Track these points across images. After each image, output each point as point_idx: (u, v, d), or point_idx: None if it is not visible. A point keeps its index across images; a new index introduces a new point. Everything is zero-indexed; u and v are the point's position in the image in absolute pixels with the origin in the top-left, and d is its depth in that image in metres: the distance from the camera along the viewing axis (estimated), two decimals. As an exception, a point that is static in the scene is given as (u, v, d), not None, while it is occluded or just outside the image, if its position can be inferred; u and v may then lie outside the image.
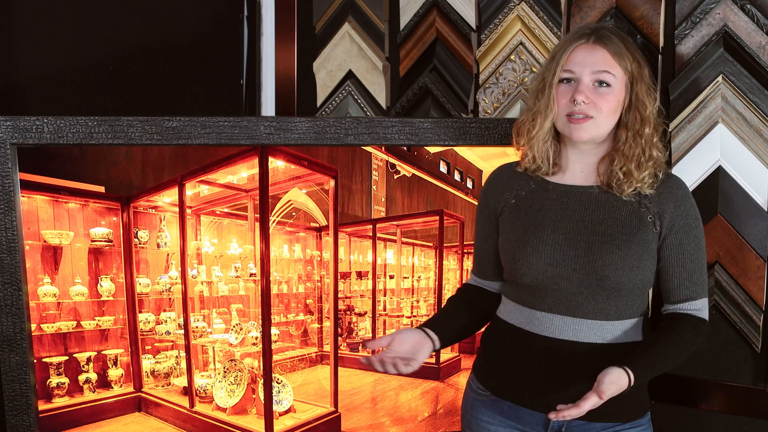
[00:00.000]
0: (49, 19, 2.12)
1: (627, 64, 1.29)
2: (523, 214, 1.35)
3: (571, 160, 1.36)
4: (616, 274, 1.26)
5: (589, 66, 1.28)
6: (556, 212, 1.33)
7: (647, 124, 1.30)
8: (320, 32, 2.01)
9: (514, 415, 1.36)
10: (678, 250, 1.31)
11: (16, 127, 1.69)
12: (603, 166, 1.35)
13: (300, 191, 2.15)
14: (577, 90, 1.28)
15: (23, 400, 1.76)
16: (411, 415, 2.12)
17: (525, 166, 1.39)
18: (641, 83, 1.31)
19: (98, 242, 2.10)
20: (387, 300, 2.37)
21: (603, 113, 1.28)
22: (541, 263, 1.29)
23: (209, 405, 2.18)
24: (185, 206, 2.14)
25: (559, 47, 1.33)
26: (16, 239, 1.71)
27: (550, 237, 1.30)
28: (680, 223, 1.31)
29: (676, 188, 1.33)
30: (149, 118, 1.70)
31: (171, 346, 2.21)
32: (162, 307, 2.20)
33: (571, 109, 1.29)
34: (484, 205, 1.45)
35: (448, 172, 2.01)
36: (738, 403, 1.63)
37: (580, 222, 1.31)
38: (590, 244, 1.28)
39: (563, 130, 1.32)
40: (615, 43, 1.29)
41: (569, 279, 1.28)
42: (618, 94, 1.29)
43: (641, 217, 1.30)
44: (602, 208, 1.31)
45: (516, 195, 1.38)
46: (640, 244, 1.28)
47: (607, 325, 1.29)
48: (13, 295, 1.72)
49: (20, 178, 1.73)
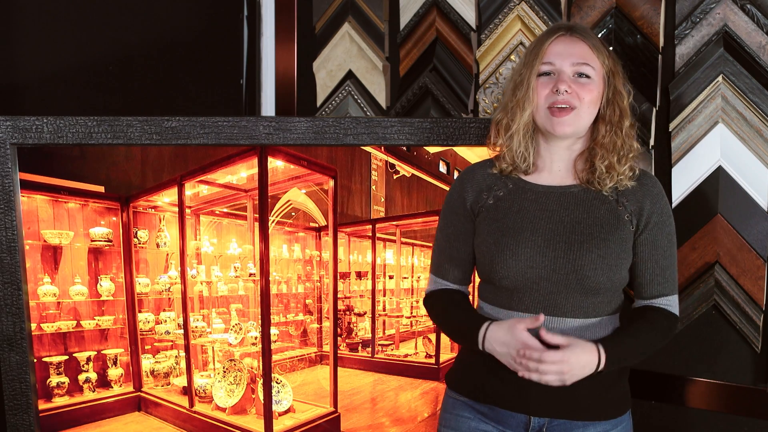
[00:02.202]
0: (49, 19, 2.13)
1: (604, 58, 1.30)
2: (501, 216, 1.33)
3: (549, 158, 1.35)
4: (595, 273, 1.25)
5: (570, 57, 1.28)
6: (535, 214, 1.31)
7: (625, 117, 1.31)
8: (320, 32, 2.01)
9: (494, 417, 1.34)
10: (652, 247, 1.32)
11: (16, 127, 1.70)
12: (580, 164, 1.34)
13: (299, 191, 2.15)
14: (559, 80, 1.27)
15: (23, 399, 1.76)
16: (411, 415, 2.12)
17: (501, 167, 1.36)
18: (617, 77, 1.31)
19: (98, 242, 2.10)
20: (386, 300, 2.37)
21: (585, 104, 1.28)
22: (521, 265, 1.28)
23: (209, 405, 2.18)
24: (185, 206, 2.15)
25: (536, 42, 1.33)
26: (16, 239, 1.71)
27: (529, 239, 1.29)
28: (655, 220, 1.31)
29: (651, 186, 1.33)
30: (148, 118, 1.70)
31: (170, 346, 2.21)
32: (161, 306, 2.20)
33: (553, 100, 1.27)
34: (461, 205, 1.39)
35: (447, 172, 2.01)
36: (738, 403, 1.63)
37: (559, 223, 1.30)
38: (569, 244, 1.27)
39: (544, 125, 1.31)
40: (592, 37, 1.30)
41: (549, 279, 1.27)
42: (598, 86, 1.29)
43: (619, 216, 1.30)
44: (581, 207, 1.31)
45: (493, 195, 1.36)
46: (618, 242, 1.28)
47: (586, 322, 1.28)
48: (13, 295, 1.73)
49: (20, 178, 1.73)
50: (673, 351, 1.66)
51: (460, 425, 1.38)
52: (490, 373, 1.32)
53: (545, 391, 1.27)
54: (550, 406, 1.29)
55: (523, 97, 1.31)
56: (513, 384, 1.29)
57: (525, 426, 1.31)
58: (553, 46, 1.29)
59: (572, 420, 1.30)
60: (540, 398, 1.28)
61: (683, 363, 1.67)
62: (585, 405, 1.29)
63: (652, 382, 1.70)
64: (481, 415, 1.36)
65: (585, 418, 1.30)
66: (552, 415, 1.30)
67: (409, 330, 2.39)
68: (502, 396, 1.32)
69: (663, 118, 1.65)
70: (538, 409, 1.30)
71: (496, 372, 1.31)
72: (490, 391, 1.33)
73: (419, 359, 2.28)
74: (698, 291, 1.64)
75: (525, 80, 1.31)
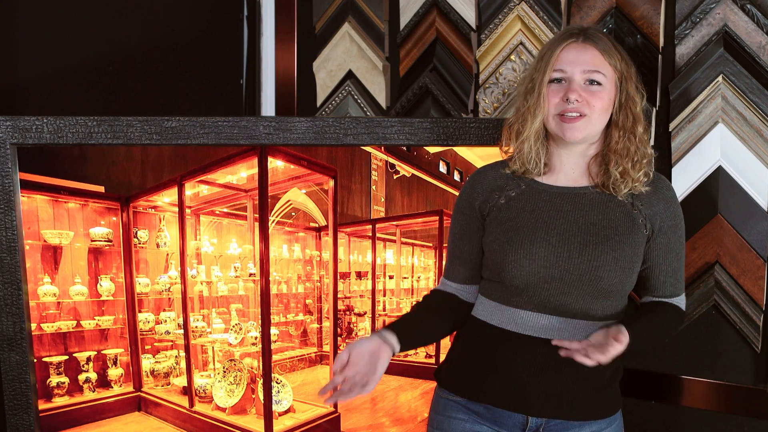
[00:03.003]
0: (49, 19, 2.13)
1: (616, 62, 1.29)
2: (514, 215, 1.33)
3: (563, 161, 1.35)
4: (609, 276, 1.26)
5: (580, 65, 1.27)
6: (549, 214, 1.31)
7: (639, 122, 1.30)
8: (320, 32, 2.01)
9: (490, 417, 1.33)
10: (666, 250, 1.33)
11: (16, 127, 1.70)
12: (595, 167, 1.34)
13: (299, 191, 2.15)
14: (569, 89, 1.27)
15: (23, 399, 1.76)
16: (410, 415, 2.12)
17: (513, 168, 1.37)
18: (630, 81, 1.31)
19: (98, 242, 2.10)
20: (386, 300, 2.37)
21: (596, 111, 1.28)
22: (534, 265, 1.28)
23: (209, 405, 2.18)
24: (185, 206, 2.15)
25: (548, 47, 1.32)
26: (16, 239, 1.71)
27: (543, 239, 1.28)
28: (669, 224, 1.32)
29: (665, 190, 1.34)
30: (149, 118, 1.70)
31: (170, 346, 2.21)
32: (161, 306, 2.21)
33: (563, 108, 1.28)
34: (468, 206, 1.40)
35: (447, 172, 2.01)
36: (738, 403, 1.63)
37: (573, 224, 1.29)
38: (584, 245, 1.27)
39: (555, 131, 1.31)
40: (604, 41, 1.29)
41: (561, 279, 1.27)
42: (609, 93, 1.29)
43: (633, 219, 1.30)
44: (596, 209, 1.31)
45: (505, 195, 1.36)
46: (631, 245, 1.28)
47: (591, 325, 1.28)
48: (13, 295, 1.73)
49: (20, 178, 1.73)
50: (673, 351, 1.66)
51: (453, 428, 1.36)
52: (488, 371, 1.32)
53: (545, 390, 1.27)
54: (549, 406, 1.29)
55: (534, 104, 1.31)
56: (512, 383, 1.29)
57: (522, 426, 1.31)
58: (564, 53, 1.29)
59: (570, 420, 1.29)
60: (540, 398, 1.28)
61: (683, 363, 1.67)
62: (583, 404, 1.29)
63: (652, 382, 1.70)
64: (476, 416, 1.34)
65: (582, 417, 1.30)
66: (551, 415, 1.29)
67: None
68: (500, 395, 1.31)
69: (663, 118, 1.65)
70: (537, 410, 1.29)
71: (494, 370, 1.30)
72: (489, 390, 1.32)
73: (419, 359, 2.28)
74: (698, 291, 1.64)
75: (536, 87, 1.31)
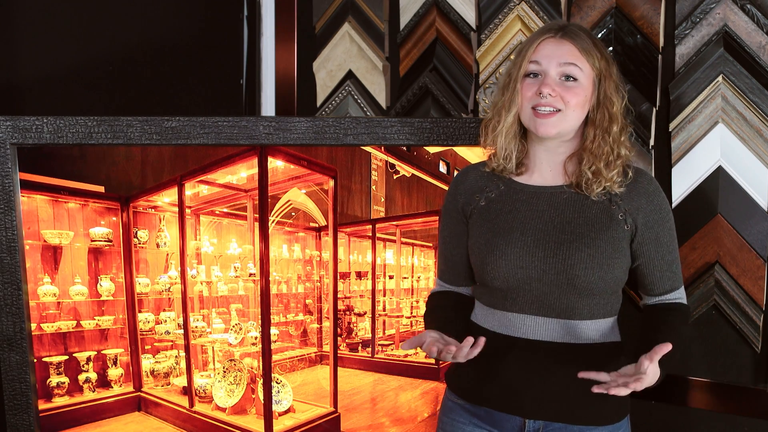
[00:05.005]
0: (49, 19, 2.13)
1: (595, 60, 1.27)
2: (493, 217, 1.33)
3: (538, 159, 1.34)
4: (585, 273, 1.24)
5: (556, 58, 1.26)
6: (525, 214, 1.31)
7: (615, 122, 1.29)
8: (320, 32, 2.01)
9: (490, 421, 1.34)
10: (656, 244, 1.31)
11: (16, 127, 1.70)
12: (571, 166, 1.33)
13: (299, 191, 2.15)
14: (543, 83, 1.26)
15: (23, 399, 1.76)
16: (411, 415, 2.12)
17: (492, 166, 1.36)
18: (609, 80, 1.29)
19: (98, 242, 2.10)
20: (386, 300, 2.37)
21: (570, 106, 1.26)
22: (510, 266, 1.27)
23: (209, 405, 2.18)
24: (185, 206, 2.15)
25: (526, 42, 1.32)
26: (16, 239, 1.71)
27: (519, 239, 1.28)
28: (655, 218, 1.30)
29: (646, 184, 1.32)
30: (148, 118, 1.70)
31: (170, 346, 2.21)
32: (161, 306, 2.21)
33: (536, 102, 1.26)
34: (453, 208, 1.41)
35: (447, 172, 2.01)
36: (738, 403, 1.63)
37: (549, 223, 1.29)
38: (559, 243, 1.26)
39: (529, 125, 1.30)
40: (583, 39, 1.27)
41: (540, 279, 1.26)
42: (585, 89, 1.27)
43: (611, 215, 1.29)
44: (572, 207, 1.30)
45: (485, 197, 1.36)
46: (609, 241, 1.27)
47: (580, 324, 1.28)
48: (13, 295, 1.73)
49: (20, 178, 1.73)
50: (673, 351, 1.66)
51: (455, 430, 1.38)
52: (486, 375, 1.32)
53: (540, 394, 1.27)
54: (545, 409, 1.28)
55: (509, 98, 1.30)
56: (508, 386, 1.29)
57: (519, 429, 1.31)
58: (541, 47, 1.28)
59: (568, 424, 1.29)
60: (535, 401, 1.28)
61: (683, 363, 1.67)
62: (581, 408, 1.28)
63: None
64: (476, 419, 1.35)
65: (581, 422, 1.29)
66: (547, 418, 1.29)
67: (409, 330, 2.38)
68: (497, 398, 1.31)
69: (663, 118, 1.65)
70: (533, 412, 1.29)
71: (492, 374, 1.31)
72: (487, 393, 1.32)
73: (419, 359, 2.28)
74: (698, 291, 1.64)
75: (512, 81, 1.30)
